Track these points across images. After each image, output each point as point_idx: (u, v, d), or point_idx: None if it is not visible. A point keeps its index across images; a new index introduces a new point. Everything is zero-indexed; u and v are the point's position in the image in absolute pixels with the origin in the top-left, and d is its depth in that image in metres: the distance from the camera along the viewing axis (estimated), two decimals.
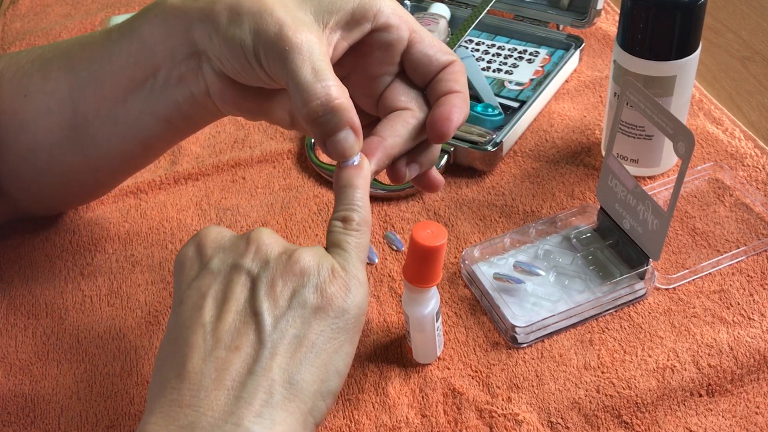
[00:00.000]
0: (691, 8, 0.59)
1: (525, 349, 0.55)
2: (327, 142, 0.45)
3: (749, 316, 0.56)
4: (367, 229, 0.45)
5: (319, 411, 0.41)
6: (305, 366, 0.40)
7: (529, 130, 0.73)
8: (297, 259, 0.42)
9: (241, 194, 0.68)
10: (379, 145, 0.47)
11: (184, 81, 0.50)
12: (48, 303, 0.60)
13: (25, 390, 0.54)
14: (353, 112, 0.44)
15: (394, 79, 0.50)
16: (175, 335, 0.42)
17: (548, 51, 0.79)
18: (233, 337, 0.40)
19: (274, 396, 0.39)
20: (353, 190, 0.45)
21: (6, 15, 0.96)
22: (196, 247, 0.44)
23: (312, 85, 0.43)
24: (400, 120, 0.48)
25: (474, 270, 0.59)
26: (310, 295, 0.41)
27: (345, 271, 0.43)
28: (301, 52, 0.44)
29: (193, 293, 0.42)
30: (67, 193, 0.61)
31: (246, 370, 0.40)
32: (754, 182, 0.66)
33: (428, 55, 0.49)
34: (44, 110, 0.54)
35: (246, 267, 0.42)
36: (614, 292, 0.56)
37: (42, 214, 0.65)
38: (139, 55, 0.51)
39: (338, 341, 0.42)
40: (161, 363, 0.42)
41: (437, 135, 0.47)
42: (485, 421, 0.51)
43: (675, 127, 0.53)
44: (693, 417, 0.50)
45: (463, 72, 0.49)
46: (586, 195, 0.66)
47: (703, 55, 0.63)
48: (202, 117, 0.53)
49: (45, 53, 0.56)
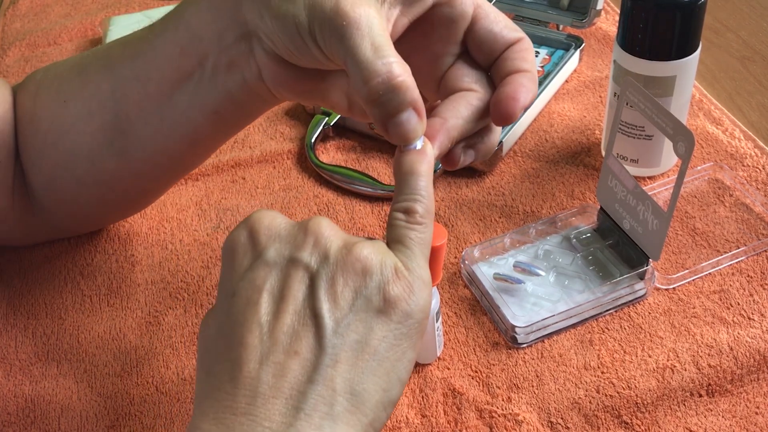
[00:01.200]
0: (691, 8, 0.59)
1: (525, 349, 0.55)
2: (388, 124, 0.41)
3: (749, 317, 0.56)
4: (431, 221, 0.41)
5: (380, 422, 0.38)
6: (368, 375, 0.38)
7: (529, 130, 0.73)
8: (358, 255, 0.39)
9: (241, 194, 0.68)
10: (442, 127, 0.43)
11: (234, 66, 0.47)
12: (47, 303, 0.60)
13: (25, 390, 0.54)
14: (416, 91, 0.41)
15: (456, 59, 0.47)
16: (228, 330, 0.39)
17: (548, 51, 0.79)
18: (292, 340, 0.37)
19: (335, 407, 0.37)
20: (417, 177, 0.41)
21: (6, 15, 0.96)
22: (249, 233, 0.40)
23: (372, 62, 0.40)
24: (463, 101, 0.45)
25: (474, 270, 0.59)
26: (373, 296, 0.38)
27: (408, 270, 0.39)
28: (359, 28, 0.40)
29: (247, 285, 0.39)
30: (106, 206, 0.59)
31: (306, 378, 0.37)
32: (754, 182, 0.66)
33: (493, 31, 0.45)
34: (84, 114, 0.53)
35: (304, 261, 0.39)
36: (614, 293, 0.56)
37: (80, 231, 0.64)
38: (185, 43, 0.48)
39: (401, 348, 0.39)
40: (212, 359, 0.39)
41: (502, 115, 0.44)
42: (485, 421, 0.51)
43: (675, 127, 0.53)
44: (693, 417, 0.50)
45: (531, 50, 0.45)
46: (586, 195, 0.66)
47: (703, 55, 0.63)
48: (255, 105, 0.50)
49: (84, 58, 0.54)
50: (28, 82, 0.57)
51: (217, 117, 0.50)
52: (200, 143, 0.53)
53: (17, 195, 0.57)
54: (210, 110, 0.50)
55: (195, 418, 0.38)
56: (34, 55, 0.87)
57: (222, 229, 0.65)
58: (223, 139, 0.55)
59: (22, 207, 0.58)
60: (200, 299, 0.60)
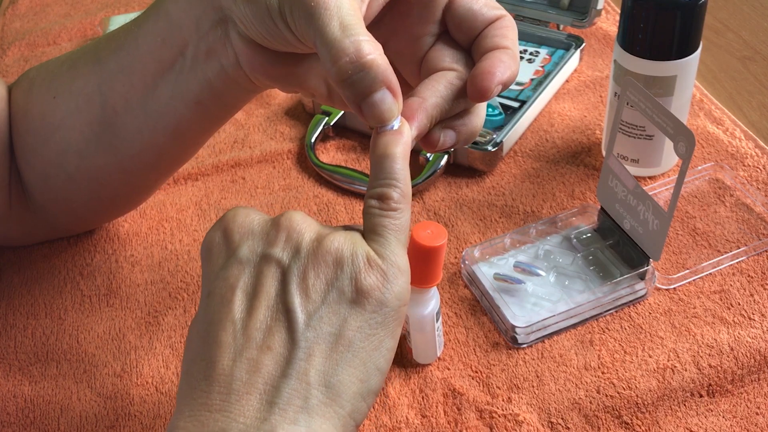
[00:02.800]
0: (691, 8, 0.59)
1: (525, 350, 0.55)
2: (362, 105, 0.39)
3: (750, 317, 0.56)
4: (407, 206, 0.40)
5: (360, 412, 0.38)
6: (342, 367, 0.38)
7: (530, 130, 0.72)
8: (329, 247, 0.39)
9: (241, 194, 0.68)
10: (420, 106, 0.42)
11: (212, 54, 0.47)
12: (47, 303, 0.60)
13: (24, 390, 0.54)
14: (389, 69, 0.39)
15: (436, 40, 0.46)
16: (203, 330, 0.39)
17: (548, 51, 0.79)
18: (265, 336, 0.37)
19: (310, 401, 0.37)
20: (391, 160, 0.40)
21: (5, 15, 0.96)
22: (223, 232, 0.41)
23: (340, 41, 0.38)
24: (443, 80, 0.43)
25: (474, 270, 0.59)
26: (345, 287, 0.38)
27: (382, 258, 0.39)
28: (327, 8, 0.39)
29: (221, 284, 0.39)
30: (99, 203, 0.59)
31: (279, 373, 0.37)
32: (755, 182, 0.65)
33: (473, 10, 0.44)
34: (73, 109, 0.53)
35: (276, 256, 0.39)
36: (615, 293, 0.56)
37: (76, 229, 0.64)
38: (166, 33, 0.48)
39: (378, 337, 0.38)
40: (190, 360, 0.39)
41: (478, 90, 0.42)
42: (485, 421, 0.51)
43: (675, 127, 0.53)
44: (693, 417, 0.50)
45: (513, 27, 0.44)
46: (586, 195, 0.66)
47: (704, 54, 0.63)
48: (234, 93, 0.50)
49: (74, 54, 0.55)
50: (22, 79, 0.57)
51: (200, 107, 0.50)
52: (185, 135, 0.53)
53: (14, 193, 0.57)
54: (192, 100, 0.50)
55: (173, 417, 0.38)
56: (34, 54, 0.87)
57: None
58: (209, 130, 0.54)
59: (19, 205, 0.58)
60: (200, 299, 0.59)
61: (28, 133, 0.55)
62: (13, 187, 0.57)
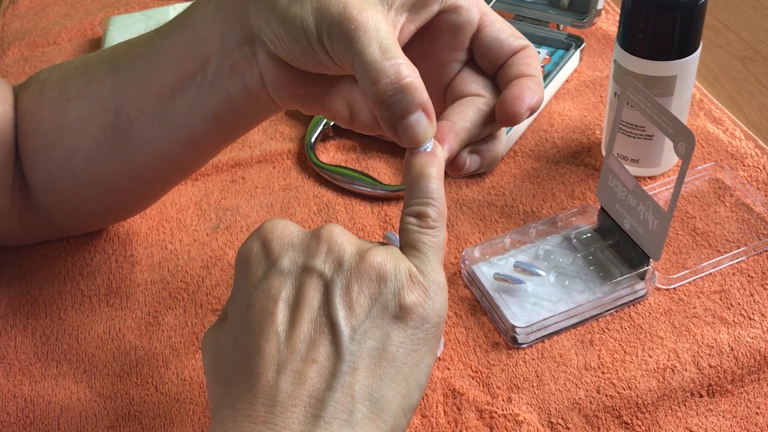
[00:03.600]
0: (691, 8, 0.59)
1: (525, 350, 0.55)
2: (398, 127, 0.41)
3: (750, 317, 0.56)
4: (443, 224, 0.41)
5: (400, 428, 0.38)
6: (386, 382, 0.38)
7: (530, 130, 0.72)
8: (372, 261, 0.39)
9: (241, 194, 0.68)
10: (450, 129, 0.43)
11: (236, 70, 0.47)
12: (47, 303, 0.60)
13: (24, 390, 0.54)
14: (425, 93, 0.41)
15: (463, 66, 0.47)
16: (244, 341, 0.39)
17: (548, 51, 0.79)
18: (309, 349, 0.38)
19: (355, 415, 0.37)
20: (427, 180, 0.41)
21: (5, 15, 0.96)
22: (262, 243, 0.41)
23: (380, 63, 0.40)
24: (471, 105, 0.45)
25: (474, 270, 0.59)
26: (389, 303, 0.38)
27: (423, 275, 0.39)
28: (367, 31, 0.40)
29: (263, 295, 0.39)
30: (105, 207, 0.59)
31: (324, 386, 0.37)
32: (755, 182, 0.65)
33: (500, 39, 0.46)
34: (85, 113, 0.53)
35: (318, 269, 0.39)
36: (615, 293, 0.56)
37: (79, 231, 0.64)
38: (189, 45, 0.48)
39: (419, 353, 0.39)
40: (229, 370, 0.39)
41: (508, 115, 0.43)
42: (485, 421, 0.51)
43: (675, 127, 0.53)
44: (693, 417, 0.50)
45: (536, 57, 0.46)
46: (586, 195, 0.66)
47: (704, 54, 0.63)
48: (254, 111, 0.50)
49: (90, 58, 0.55)
50: (32, 81, 0.57)
51: (217, 121, 0.50)
52: (199, 147, 0.53)
53: (17, 194, 0.57)
54: (210, 114, 0.50)
55: (213, 427, 0.38)
56: (34, 54, 0.87)
57: (221, 229, 0.65)
58: (222, 144, 0.54)
59: (21, 206, 0.58)
60: (200, 299, 0.59)
61: (36, 134, 0.55)
62: (16, 188, 0.57)
